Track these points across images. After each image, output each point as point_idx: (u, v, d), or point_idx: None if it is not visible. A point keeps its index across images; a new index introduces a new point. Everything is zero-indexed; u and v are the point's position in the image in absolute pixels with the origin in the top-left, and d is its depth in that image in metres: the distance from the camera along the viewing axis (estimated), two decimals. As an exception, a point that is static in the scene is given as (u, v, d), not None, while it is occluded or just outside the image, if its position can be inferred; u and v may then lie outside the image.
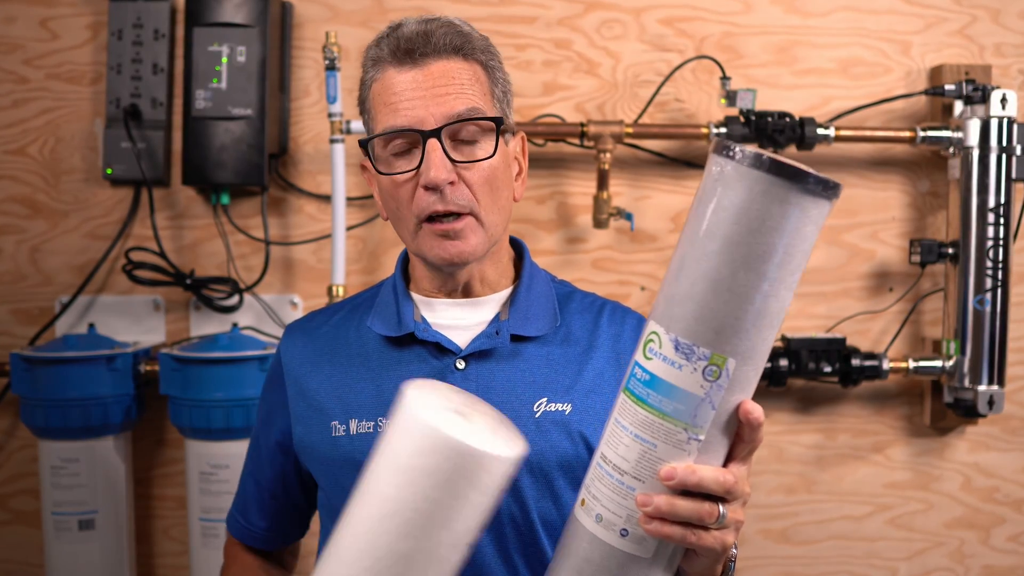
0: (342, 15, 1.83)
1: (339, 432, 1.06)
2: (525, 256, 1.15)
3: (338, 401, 1.07)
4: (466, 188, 1.02)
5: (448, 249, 1.02)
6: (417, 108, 1.01)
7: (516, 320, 1.08)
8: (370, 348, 1.10)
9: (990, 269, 1.77)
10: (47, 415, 1.64)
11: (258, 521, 1.20)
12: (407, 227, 1.05)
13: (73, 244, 1.82)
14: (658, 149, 1.86)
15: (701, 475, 0.78)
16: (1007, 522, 1.96)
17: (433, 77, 1.02)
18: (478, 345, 1.06)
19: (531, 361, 1.07)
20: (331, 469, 1.07)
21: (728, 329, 0.75)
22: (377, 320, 1.10)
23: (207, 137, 1.73)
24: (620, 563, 0.81)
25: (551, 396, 1.05)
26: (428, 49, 1.02)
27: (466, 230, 1.03)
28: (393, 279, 1.14)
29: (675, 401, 0.77)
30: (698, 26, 1.86)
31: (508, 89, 1.10)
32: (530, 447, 1.02)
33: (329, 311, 1.18)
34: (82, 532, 1.67)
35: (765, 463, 1.92)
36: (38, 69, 1.81)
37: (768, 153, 0.73)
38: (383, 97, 1.03)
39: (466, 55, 1.04)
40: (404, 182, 1.03)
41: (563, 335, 1.10)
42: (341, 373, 1.09)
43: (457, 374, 1.05)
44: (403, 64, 1.02)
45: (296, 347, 1.14)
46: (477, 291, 1.10)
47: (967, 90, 1.77)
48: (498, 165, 1.05)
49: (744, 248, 0.74)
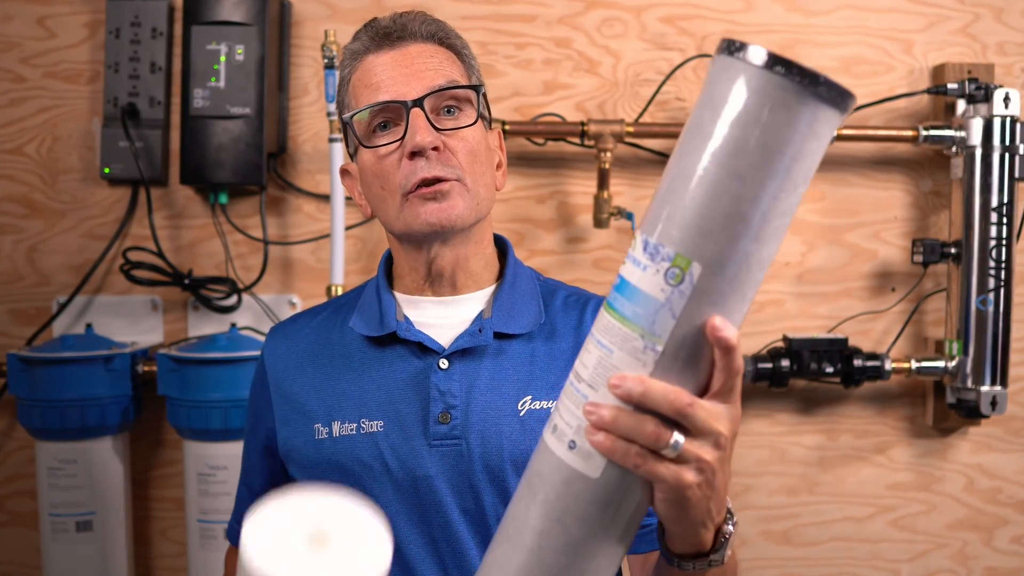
0: (341, 13, 1.82)
1: (322, 435, 1.05)
2: (509, 253, 1.14)
3: (321, 403, 1.06)
4: (451, 155, 1.02)
5: (435, 213, 1.01)
6: (398, 83, 1.02)
7: (500, 317, 1.06)
8: (352, 348, 1.09)
9: (993, 269, 1.76)
10: (44, 416, 1.63)
11: None
12: (391, 205, 1.04)
13: (70, 244, 1.81)
14: (659, 148, 1.85)
15: (648, 387, 0.69)
16: (1010, 523, 1.95)
17: (411, 56, 1.04)
18: (461, 344, 1.05)
19: (515, 359, 1.06)
20: (314, 473, 1.05)
21: (693, 228, 0.69)
22: (359, 320, 1.09)
23: (205, 136, 1.72)
24: (566, 478, 0.73)
25: (535, 394, 1.04)
26: (404, 33, 1.05)
27: (452, 192, 1.02)
28: (376, 279, 1.13)
29: (635, 304, 0.71)
30: (699, 24, 1.85)
31: (482, 80, 1.11)
32: (515, 446, 1.02)
33: (312, 312, 1.18)
34: (79, 534, 1.66)
35: (766, 464, 1.91)
36: (35, 68, 1.80)
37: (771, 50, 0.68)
38: (363, 81, 1.05)
39: (441, 40, 1.07)
40: (387, 155, 1.03)
41: (548, 332, 1.08)
42: (323, 374, 1.08)
43: (440, 373, 1.04)
44: (380, 48, 1.05)
45: (278, 350, 1.13)
46: (461, 284, 1.08)
47: (970, 89, 1.76)
48: (480, 139, 1.06)
49: (719, 141, 0.68)
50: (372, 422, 1.04)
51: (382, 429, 1.03)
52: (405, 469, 1.02)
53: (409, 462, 1.02)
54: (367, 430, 1.04)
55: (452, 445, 1.02)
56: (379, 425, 1.03)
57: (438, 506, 1.02)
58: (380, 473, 1.03)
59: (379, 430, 1.03)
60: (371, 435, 1.03)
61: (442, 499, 1.02)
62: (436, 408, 1.03)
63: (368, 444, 1.03)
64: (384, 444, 1.03)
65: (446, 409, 1.02)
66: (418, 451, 1.02)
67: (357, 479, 1.03)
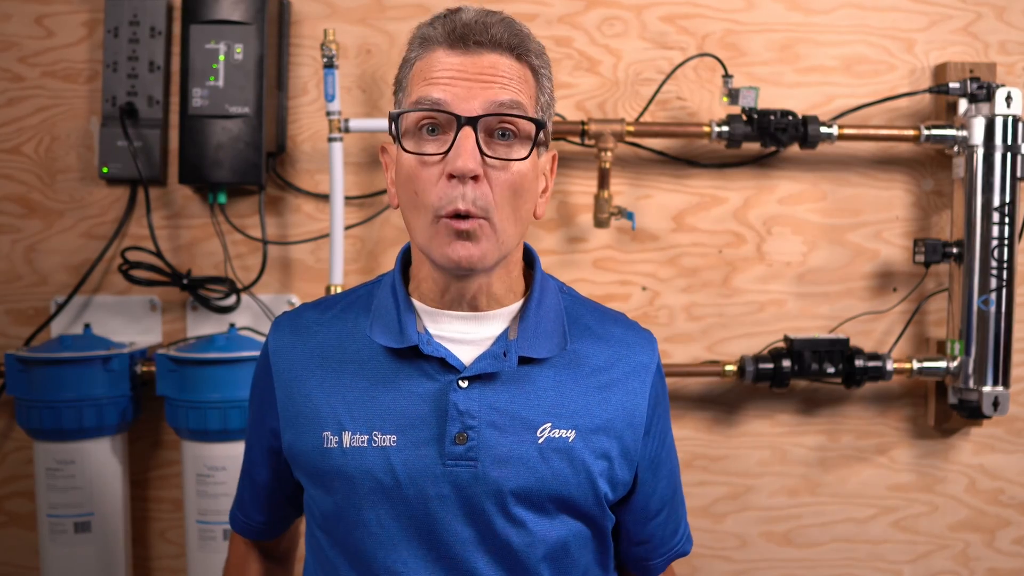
0: (340, 12, 1.81)
1: (331, 444, 1.02)
2: (536, 267, 1.09)
3: (330, 410, 1.03)
4: (488, 188, 0.96)
5: (457, 251, 0.96)
6: (459, 88, 0.96)
7: (524, 340, 1.03)
8: (365, 356, 1.05)
9: (995, 269, 1.76)
10: (42, 416, 1.62)
11: (256, 516, 1.19)
12: (422, 218, 0.98)
13: (69, 244, 1.81)
14: (660, 148, 1.84)
15: None
16: (1012, 524, 1.94)
17: (482, 66, 0.97)
18: (484, 367, 1.01)
19: (537, 384, 1.03)
20: (321, 479, 1.04)
21: None
22: (377, 328, 1.04)
23: (204, 136, 1.71)
24: None
25: (555, 422, 1.02)
26: (484, 39, 0.97)
27: (478, 232, 0.96)
28: (392, 280, 1.08)
29: None
30: (700, 23, 1.85)
31: (552, 102, 1.05)
32: (531, 472, 1.00)
33: (320, 307, 1.12)
34: (78, 535, 1.65)
35: (768, 465, 1.90)
36: (33, 67, 1.79)
37: None
38: (424, 73, 0.99)
39: (519, 55, 1.00)
40: (429, 164, 0.97)
41: (571, 358, 1.05)
42: (333, 379, 1.05)
43: (460, 392, 1.00)
44: (454, 47, 0.98)
45: (285, 345, 1.09)
46: (483, 305, 1.04)
47: (972, 88, 1.75)
48: (527, 172, 0.99)
49: None
50: (385, 436, 1.01)
51: (395, 444, 1.00)
52: (416, 487, 1.00)
53: (420, 480, 1.00)
54: (379, 444, 1.01)
55: (466, 467, 0.99)
56: (392, 440, 1.00)
57: (445, 527, 1.00)
58: (389, 488, 1.00)
59: (392, 445, 1.00)
60: (383, 449, 1.00)
61: (450, 520, 1.00)
62: (453, 428, 1.00)
63: (379, 458, 1.00)
64: (396, 460, 1.00)
65: (463, 430, 1.00)
66: (430, 470, 1.00)
67: (363, 493, 1.01)
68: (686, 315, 1.87)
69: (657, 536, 1.14)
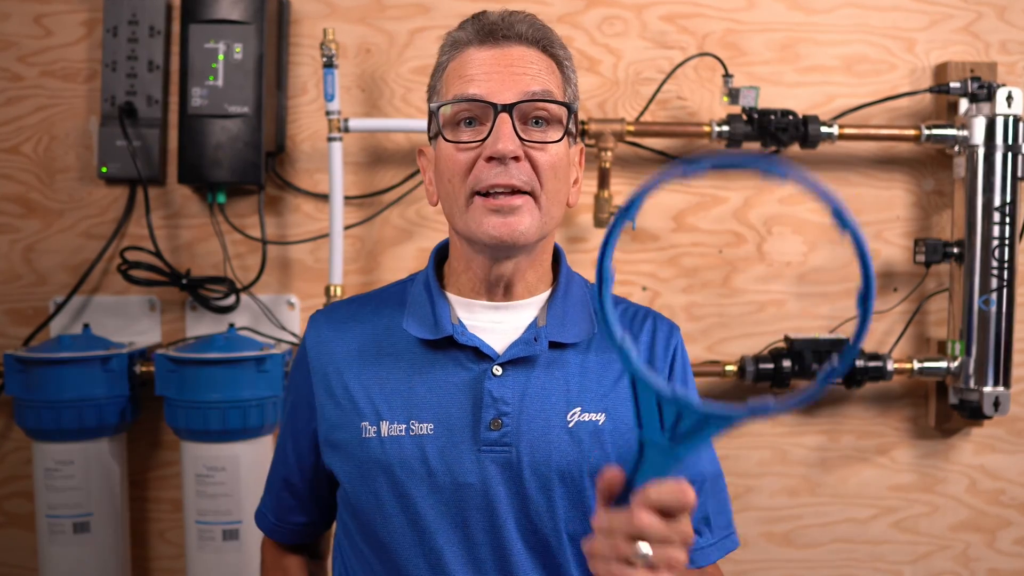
0: (339, 11, 1.81)
1: (369, 433, 1.04)
2: (562, 259, 1.13)
3: (368, 401, 1.06)
4: (530, 167, 1.01)
5: (499, 226, 1.00)
6: (493, 81, 1.01)
7: (554, 326, 1.06)
8: (401, 347, 1.07)
9: (995, 269, 1.75)
10: (41, 416, 1.62)
11: (296, 518, 1.19)
12: (458, 202, 1.02)
13: (68, 243, 1.80)
14: (660, 147, 1.84)
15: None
16: (1013, 525, 1.94)
17: (512, 57, 1.03)
18: (516, 352, 1.04)
19: (567, 368, 1.06)
20: (359, 470, 1.05)
21: None
22: (412, 320, 1.07)
23: (203, 135, 1.71)
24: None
25: (585, 406, 1.04)
26: (511, 33, 1.03)
27: (523, 208, 1.00)
28: (425, 276, 1.11)
29: None
30: (700, 23, 1.84)
31: (577, 94, 1.10)
32: (563, 456, 1.02)
33: (354, 304, 1.15)
34: (77, 535, 1.65)
35: (768, 465, 1.90)
36: (32, 66, 1.79)
37: None
38: (458, 71, 1.04)
39: (545, 47, 1.06)
40: (465, 150, 1.01)
41: (600, 343, 1.08)
42: (371, 372, 1.07)
43: (494, 380, 1.03)
44: (484, 43, 1.04)
45: (323, 340, 1.11)
46: (517, 292, 1.08)
47: (972, 87, 1.75)
48: (563, 155, 1.04)
49: None
50: (422, 424, 1.03)
51: (432, 432, 1.03)
52: (450, 474, 1.02)
53: (455, 467, 1.02)
54: (416, 432, 1.03)
55: (501, 452, 1.02)
56: (429, 428, 1.03)
57: (481, 513, 1.02)
58: (426, 476, 1.02)
59: (429, 433, 1.03)
60: (419, 437, 1.03)
61: (485, 506, 1.02)
62: (488, 414, 1.02)
63: (415, 447, 1.03)
64: (432, 447, 1.02)
65: (498, 416, 1.02)
66: (465, 456, 1.02)
67: (401, 481, 1.02)
68: (686, 315, 1.87)
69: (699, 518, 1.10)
